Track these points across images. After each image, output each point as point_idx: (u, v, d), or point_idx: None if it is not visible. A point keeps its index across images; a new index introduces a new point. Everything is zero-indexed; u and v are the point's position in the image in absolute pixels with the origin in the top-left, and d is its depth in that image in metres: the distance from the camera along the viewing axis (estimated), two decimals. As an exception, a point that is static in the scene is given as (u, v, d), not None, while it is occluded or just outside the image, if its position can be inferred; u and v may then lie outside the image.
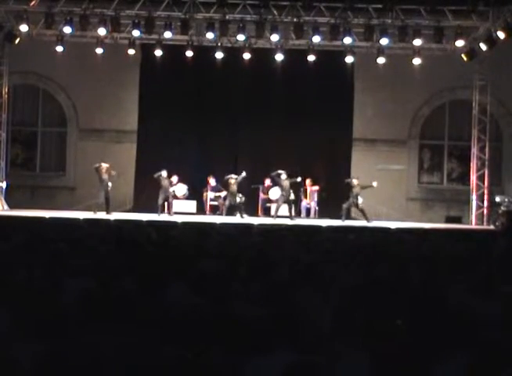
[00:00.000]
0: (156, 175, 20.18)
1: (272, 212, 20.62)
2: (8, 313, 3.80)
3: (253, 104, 22.22)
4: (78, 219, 15.47)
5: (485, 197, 21.69)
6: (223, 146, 22.38)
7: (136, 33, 20.48)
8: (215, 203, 21.39)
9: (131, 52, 21.34)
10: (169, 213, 20.21)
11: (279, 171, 20.29)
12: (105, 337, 3.28)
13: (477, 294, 4.63)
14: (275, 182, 20.71)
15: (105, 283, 4.65)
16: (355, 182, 20.14)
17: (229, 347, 3.46)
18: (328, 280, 5.05)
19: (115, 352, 3.06)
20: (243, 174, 20.38)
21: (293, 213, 20.36)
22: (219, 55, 21.26)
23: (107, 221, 15.71)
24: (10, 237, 7.88)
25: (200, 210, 21.33)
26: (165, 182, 20.28)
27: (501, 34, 19.55)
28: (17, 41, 21.23)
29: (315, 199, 21.78)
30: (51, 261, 5.77)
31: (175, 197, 21.02)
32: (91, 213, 19.34)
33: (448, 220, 21.94)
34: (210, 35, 20.38)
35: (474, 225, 21.17)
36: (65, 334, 3.60)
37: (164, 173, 20.29)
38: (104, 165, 20.06)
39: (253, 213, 21.10)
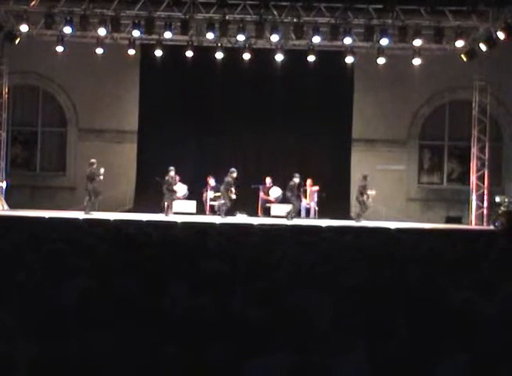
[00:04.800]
0: (159, 179, 20.19)
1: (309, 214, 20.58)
2: (7, 313, 3.79)
3: (253, 104, 22.22)
4: (78, 219, 15.48)
5: (485, 197, 21.68)
6: (223, 146, 22.39)
7: (136, 33, 20.49)
8: (215, 203, 21.38)
9: (131, 52, 21.35)
10: (166, 214, 20.17)
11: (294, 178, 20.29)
12: (104, 336, 3.28)
13: (477, 295, 4.63)
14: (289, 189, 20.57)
15: (104, 283, 4.64)
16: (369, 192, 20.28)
17: (229, 347, 3.47)
18: (327, 280, 5.05)
19: (115, 352, 3.06)
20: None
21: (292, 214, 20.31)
22: (219, 55, 21.26)
23: (107, 221, 15.71)
24: (10, 237, 7.87)
25: (200, 210, 21.32)
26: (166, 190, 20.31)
27: (501, 35, 19.55)
28: (17, 41, 21.24)
29: (315, 199, 21.77)
30: (50, 261, 5.76)
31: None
32: (89, 213, 19.43)
33: (448, 220, 21.94)
34: (210, 35, 20.38)
35: (473, 226, 21.16)
36: (64, 333, 3.60)
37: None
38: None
39: (253, 213, 21.11)
